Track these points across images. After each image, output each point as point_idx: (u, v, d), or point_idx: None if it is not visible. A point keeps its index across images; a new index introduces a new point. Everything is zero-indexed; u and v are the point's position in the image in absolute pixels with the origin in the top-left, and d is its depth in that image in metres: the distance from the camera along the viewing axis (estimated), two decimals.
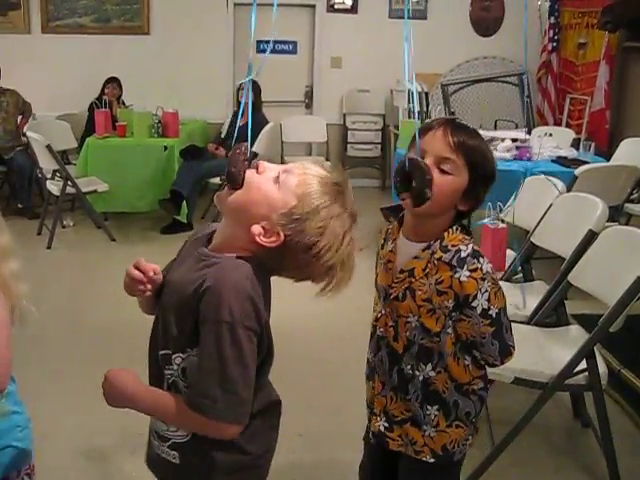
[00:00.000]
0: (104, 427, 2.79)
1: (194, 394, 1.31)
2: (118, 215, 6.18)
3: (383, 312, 1.66)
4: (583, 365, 2.35)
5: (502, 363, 1.60)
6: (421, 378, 1.61)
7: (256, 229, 1.30)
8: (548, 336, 2.69)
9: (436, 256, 1.54)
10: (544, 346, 2.62)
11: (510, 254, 3.45)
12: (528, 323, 2.81)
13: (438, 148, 1.52)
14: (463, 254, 1.52)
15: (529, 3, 7.44)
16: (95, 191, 5.74)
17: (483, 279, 1.51)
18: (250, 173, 1.34)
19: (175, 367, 1.36)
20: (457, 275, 1.50)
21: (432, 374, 1.61)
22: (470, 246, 1.54)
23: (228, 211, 1.37)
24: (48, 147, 5.45)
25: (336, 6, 7.67)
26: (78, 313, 3.96)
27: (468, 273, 1.50)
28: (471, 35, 7.77)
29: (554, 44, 7.45)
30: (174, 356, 1.35)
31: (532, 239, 3.20)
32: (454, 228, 1.57)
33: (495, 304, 1.53)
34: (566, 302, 2.87)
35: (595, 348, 2.37)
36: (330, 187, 1.32)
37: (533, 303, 2.90)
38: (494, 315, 1.53)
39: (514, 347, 1.60)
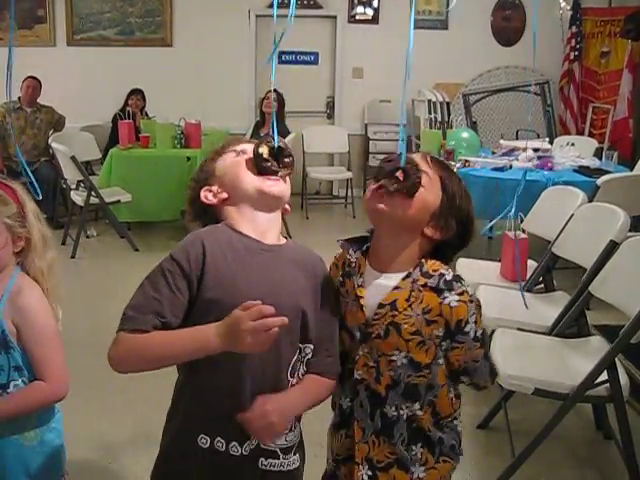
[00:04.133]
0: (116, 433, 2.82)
1: (333, 353, 1.49)
2: (141, 225, 6.24)
3: (360, 353, 1.48)
4: (604, 376, 2.33)
5: (492, 383, 1.57)
6: (405, 417, 1.48)
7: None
8: (569, 347, 2.68)
9: (420, 283, 1.42)
10: (565, 357, 2.61)
11: (531, 264, 3.45)
12: (549, 334, 2.80)
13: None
14: (448, 277, 1.42)
15: (550, 12, 7.42)
16: (118, 201, 5.81)
17: (471, 301, 1.42)
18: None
19: (303, 355, 1.46)
20: (447, 301, 1.40)
21: (419, 413, 1.48)
22: (450, 271, 1.44)
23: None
24: (72, 158, 5.53)
25: (357, 17, 7.71)
26: (101, 322, 3.99)
27: (457, 297, 1.41)
28: (492, 45, 7.76)
29: (576, 53, 7.42)
30: (306, 346, 1.46)
31: (553, 249, 3.19)
32: (429, 259, 1.47)
33: (480, 325, 1.45)
34: (587, 313, 2.85)
35: (617, 359, 2.35)
36: None
37: (554, 314, 2.89)
38: (480, 337, 1.46)
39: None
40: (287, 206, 1.57)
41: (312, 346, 1.45)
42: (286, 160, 1.47)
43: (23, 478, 1.63)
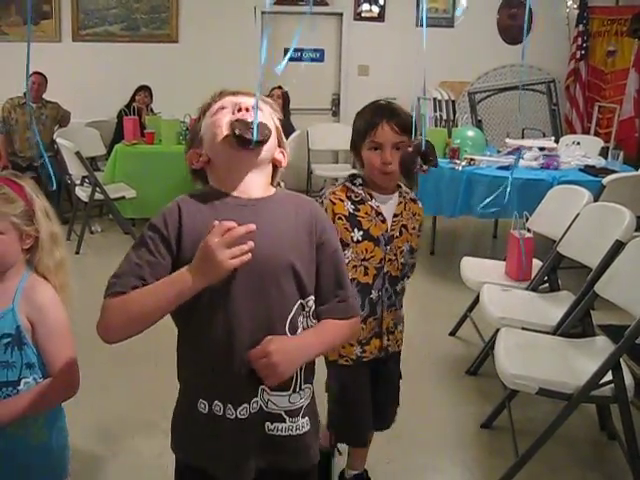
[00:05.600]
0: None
1: (345, 298, 1.47)
2: (145, 221, 6.19)
3: (385, 253, 2.07)
4: (609, 377, 2.32)
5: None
6: (399, 289, 2.14)
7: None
8: (574, 347, 2.67)
9: (408, 197, 2.14)
10: (569, 357, 2.60)
11: (536, 263, 3.44)
12: (554, 334, 2.79)
13: (391, 138, 2.01)
14: (412, 192, 2.18)
15: (557, 11, 7.39)
16: (123, 197, 5.82)
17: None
18: None
19: (307, 309, 1.42)
20: (419, 205, 2.17)
21: (406, 283, 2.17)
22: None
23: None
24: (77, 154, 5.53)
25: (363, 14, 7.67)
26: None
27: (420, 203, 2.18)
28: (498, 43, 7.72)
29: (583, 52, 7.40)
30: (307, 299, 1.42)
31: (558, 249, 3.18)
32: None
33: None
34: (592, 313, 2.84)
35: (621, 359, 2.34)
36: None
37: (559, 313, 2.88)
38: None
39: None
40: (278, 156, 1.51)
41: (314, 297, 1.42)
42: (263, 143, 1.42)
43: (27, 477, 1.63)
